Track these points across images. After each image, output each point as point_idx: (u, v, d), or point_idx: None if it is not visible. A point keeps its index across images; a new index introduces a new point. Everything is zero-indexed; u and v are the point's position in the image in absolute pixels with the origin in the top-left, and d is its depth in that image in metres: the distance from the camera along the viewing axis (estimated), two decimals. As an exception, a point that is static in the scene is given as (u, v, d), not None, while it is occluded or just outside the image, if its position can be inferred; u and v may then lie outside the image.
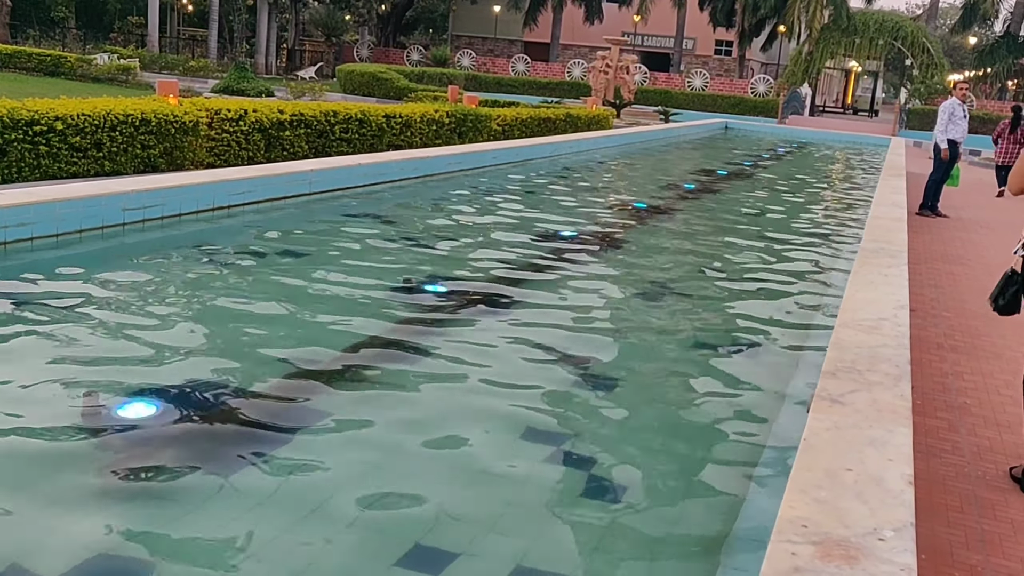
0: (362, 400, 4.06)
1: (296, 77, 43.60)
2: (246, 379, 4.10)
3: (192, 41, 52.99)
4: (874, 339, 4.34)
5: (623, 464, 3.67)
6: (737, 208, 11.48)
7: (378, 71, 37.05)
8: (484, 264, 6.75)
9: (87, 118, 9.98)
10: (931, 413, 4.75)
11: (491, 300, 5.81)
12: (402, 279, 5.80)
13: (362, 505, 3.13)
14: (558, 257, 7.35)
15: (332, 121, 13.72)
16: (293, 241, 7.01)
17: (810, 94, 44.25)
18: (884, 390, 3.58)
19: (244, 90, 30.70)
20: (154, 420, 3.56)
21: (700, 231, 9.38)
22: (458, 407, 4.13)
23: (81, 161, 9.94)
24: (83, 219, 6.21)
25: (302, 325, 5.00)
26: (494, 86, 45.19)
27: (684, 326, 5.68)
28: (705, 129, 26.34)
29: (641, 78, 47.10)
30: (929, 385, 5.19)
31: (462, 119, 17.60)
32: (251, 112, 12.38)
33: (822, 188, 15.12)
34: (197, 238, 6.80)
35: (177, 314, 5.05)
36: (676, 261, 7.68)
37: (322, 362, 4.46)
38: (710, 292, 6.63)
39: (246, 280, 5.80)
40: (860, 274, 5.93)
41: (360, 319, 5.19)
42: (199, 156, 11.64)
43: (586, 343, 5.11)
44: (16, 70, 34.19)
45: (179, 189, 7.06)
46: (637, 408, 4.31)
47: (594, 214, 9.72)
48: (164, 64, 40.22)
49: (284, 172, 8.41)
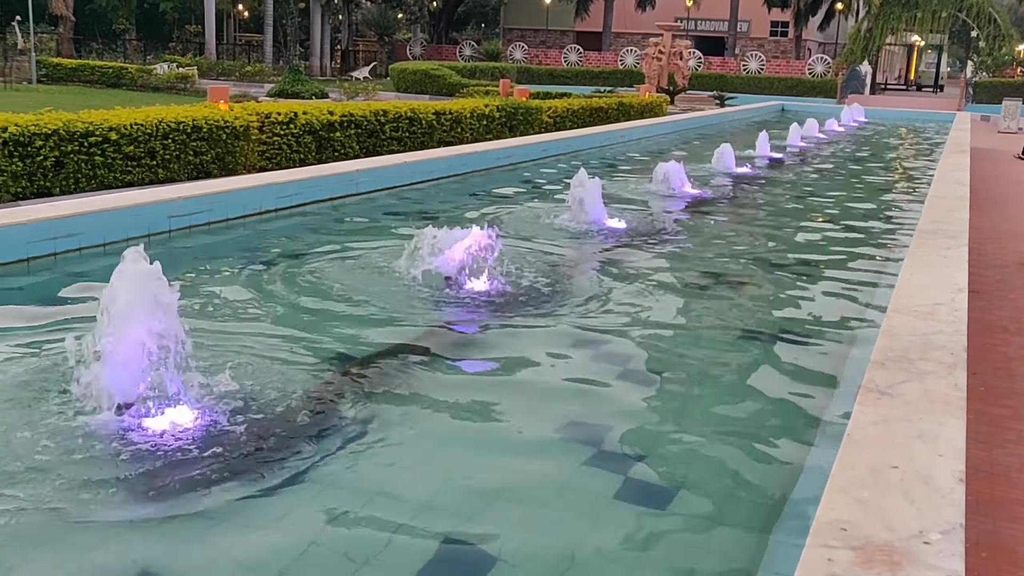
0: (408, 399, 4.01)
1: (350, 78, 44.00)
2: (292, 385, 4.09)
3: (248, 47, 53.81)
4: (928, 325, 4.15)
5: (663, 462, 3.56)
6: (792, 191, 11.23)
7: (430, 68, 37.17)
8: (531, 258, 6.66)
9: (140, 127, 10.15)
10: (995, 401, 4.55)
11: (536, 295, 5.73)
12: (445, 276, 5.74)
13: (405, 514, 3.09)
14: (606, 249, 7.23)
15: (382, 120, 13.78)
16: (341, 242, 7.00)
17: (870, 72, 43.19)
18: (937, 380, 3.41)
19: (299, 93, 31.09)
20: (193, 428, 3.55)
21: (754, 216, 9.19)
22: (503, 405, 4.06)
23: (135, 170, 10.12)
24: (130, 228, 6.28)
25: (348, 327, 4.97)
26: (546, 78, 45.01)
27: (733, 316, 5.53)
28: (760, 112, 25.84)
29: (695, 63, 46.48)
30: (993, 372, 4.97)
31: (512, 112, 17.54)
32: (301, 114, 12.50)
33: (881, 168, 14.69)
34: (244, 243, 6.84)
35: (225, 317, 5.07)
36: (728, 248, 7.51)
37: (369, 365, 4.43)
38: (762, 280, 6.47)
39: (292, 283, 5.80)
40: (916, 256, 5.71)
41: (404, 319, 5.15)
42: (251, 160, 11.77)
43: (631, 336, 5.00)
44: (81, 83, 35.18)
45: (225, 194, 7.11)
46: (682, 403, 4.19)
47: (646, 202, 9.57)
48: (221, 71, 40.92)
49: (331, 173, 8.44)
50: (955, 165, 11.09)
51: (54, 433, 3.45)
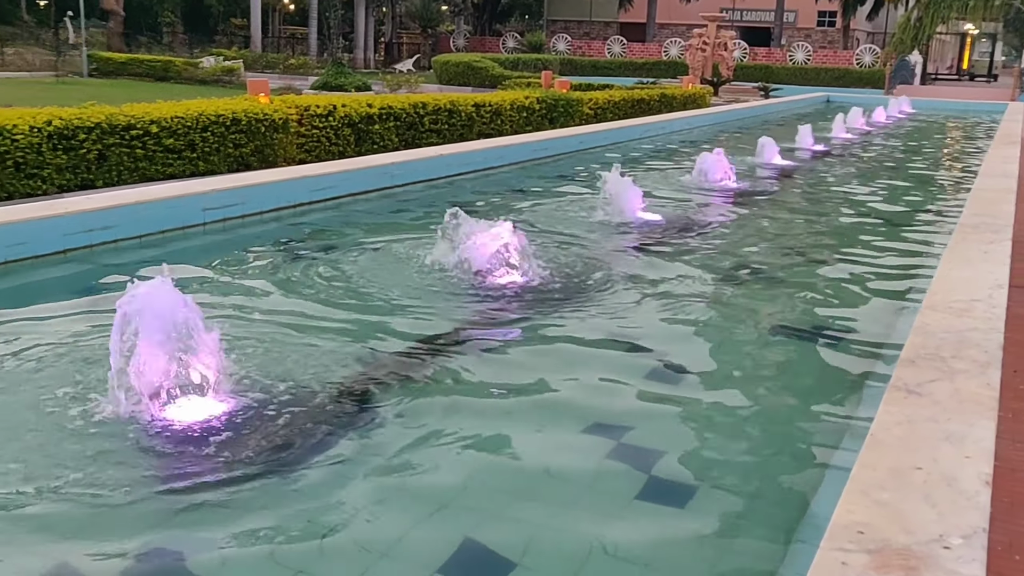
0: (433, 391, 4.01)
1: (394, 70, 44.16)
2: (320, 375, 4.11)
3: (293, 39, 54.26)
4: (964, 322, 4.04)
5: (688, 460, 3.51)
6: (833, 184, 11.04)
7: (472, 60, 37.16)
8: (561, 252, 6.62)
9: (180, 120, 10.27)
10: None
11: (565, 289, 5.69)
12: (475, 270, 5.72)
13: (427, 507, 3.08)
14: (638, 243, 7.17)
15: (421, 113, 13.79)
16: (374, 234, 7.02)
17: (920, 62, 42.30)
18: (969, 379, 3.32)
19: (342, 85, 31.24)
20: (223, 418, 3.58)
21: (793, 209, 9.05)
22: (526, 400, 4.03)
23: (176, 162, 10.24)
24: (164, 220, 6.36)
25: (376, 319, 4.98)
26: (589, 69, 44.80)
27: (767, 312, 5.44)
28: (805, 104, 25.47)
29: (740, 54, 45.92)
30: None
31: (553, 104, 17.47)
32: (340, 107, 12.55)
33: (926, 160, 14.38)
34: (277, 235, 6.88)
35: (256, 309, 5.10)
36: (765, 242, 7.40)
37: (396, 356, 4.43)
38: (797, 275, 6.34)
39: (323, 275, 5.82)
40: (956, 251, 5.57)
41: (432, 312, 5.15)
42: (290, 153, 11.85)
43: (660, 332, 4.95)
44: (129, 77, 35.72)
45: (259, 187, 7.17)
46: (709, 400, 4.13)
47: (683, 195, 9.47)
48: (266, 63, 41.31)
49: (365, 166, 8.47)
50: (1004, 156, 10.81)
51: (85, 419, 3.50)
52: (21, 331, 4.56)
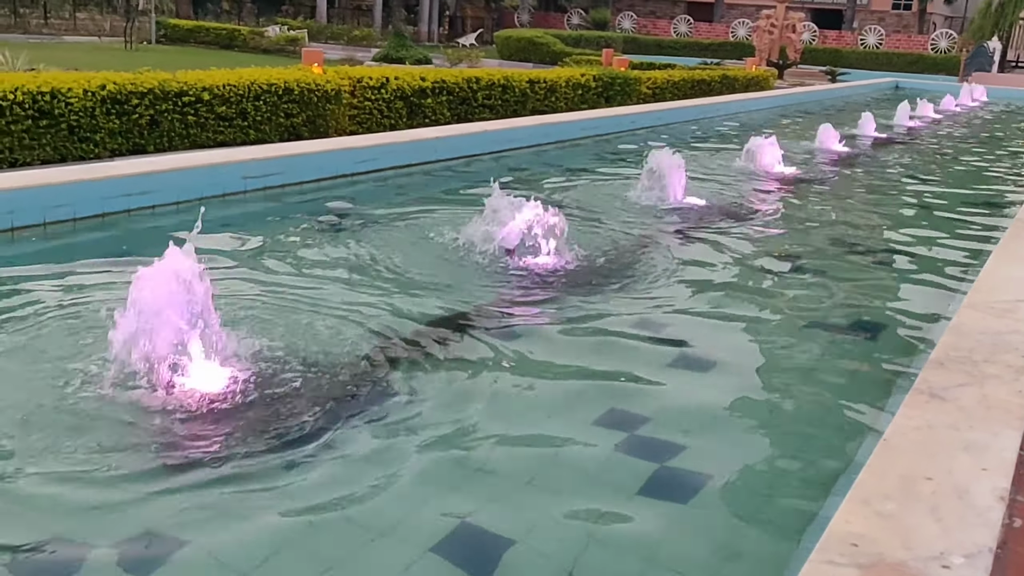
0: (456, 371, 3.96)
1: (456, 44, 44.04)
2: (343, 349, 4.09)
3: (358, 11, 54.39)
4: (1003, 323, 3.85)
5: (702, 457, 3.40)
6: (891, 174, 10.70)
7: (534, 36, 36.89)
8: (598, 235, 6.51)
9: (232, 88, 10.32)
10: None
11: (597, 274, 5.58)
12: (506, 249, 5.64)
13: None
14: (680, 228, 7.01)
15: (474, 88, 13.70)
16: (413, 209, 6.98)
17: (999, 48, 40.83)
18: (1000, 385, 3.16)
19: (402, 58, 31.25)
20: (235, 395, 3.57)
21: (844, 199, 8.77)
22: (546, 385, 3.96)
23: (227, 130, 10.31)
24: (204, 187, 6.39)
25: (404, 295, 4.94)
26: (654, 48, 44.14)
27: (804, 305, 5.24)
28: (872, 89, 24.76)
29: (809, 37, 44.86)
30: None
31: (609, 83, 17.23)
32: (393, 80, 12.52)
33: (993, 152, 13.86)
34: (316, 206, 6.86)
35: (286, 278, 5.10)
36: (811, 233, 7.17)
37: (418, 334, 4.39)
38: (840, 267, 6.13)
39: (356, 248, 5.80)
40: (1008, 247, 5.33)
41: (459, 290, 5.09)
42: (342, 124, 11.87)
43: (690, 322, 4.82)
44: (196, 44, 36.20)
45: (301, 157, 7.17)
46: (731, 396, 4.00)
47: (732, 180, 9.25)
48: (330, 34, 41.48)
49: (409, 140, 8.42)
50: (1074, 151, 10.38)
51: (87, 387, 3.52)
52: (43, 295, 4.61)
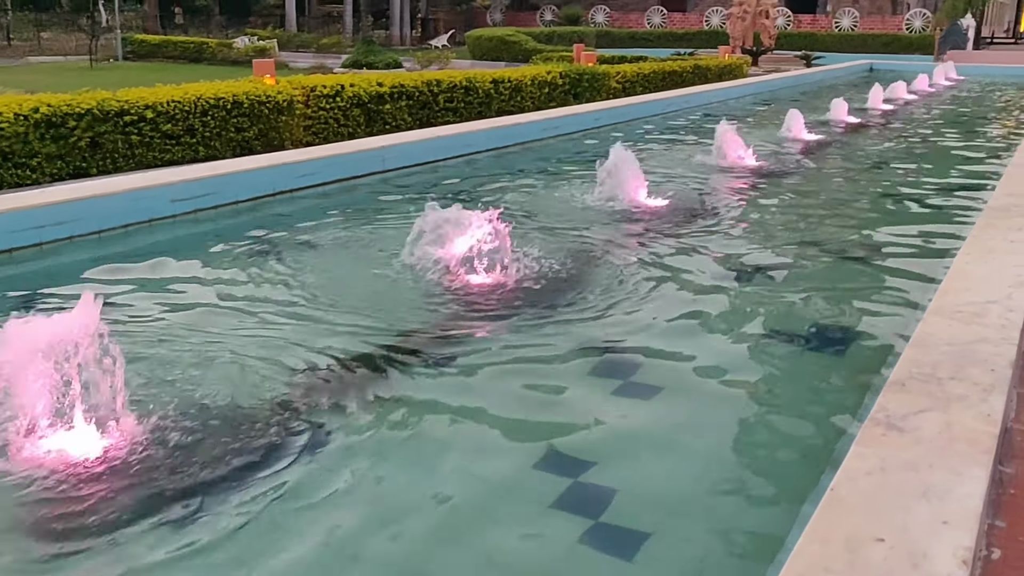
0: (388, 406, 3.59)
1: (429, 46, 43.60)
2: (266, 389, 3.75)
3: (328, 18, 53.90)
4: (972, 331, 3.49)
5: (639, 501, 3.05)
6: (862, 161, 10.34)
7: (505, 34, 36.49)
8: (551, 244, 6.14)
9: (177, 104, 9.95)
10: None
11: (547, 289, 5.21)
12: (447, 267, 5.27)
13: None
14: (637, 232, 6.64)
15: (435, 91, 13.33)
16: (353, 226, 6.58)
17: (973, 25, 40.64)
18: (966, 408, 2.79)
19: (372, 63, 30.78)
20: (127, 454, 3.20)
21: (812, 191, 8.40)
22: (490, 416, 3.60)
23: (175, 148, 9.93)
24: (128, 214, 5.99)
25: (337, 324, 4.57)
26: (627, 41, 43.80)
27: (766, 314, 4.83)
28: (846, 72, 24.42)
29: (784, 22, 44.58)
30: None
31: (577, 79, 16.86)
32: (348, 87, 12.15)
33: (967, 134, 13.50)
34: (249, 227, 6.41)
35: (208, 312, 4.72)
36: (775, 231, 6.77)
37: (351, 368, 4.02)
38: (805, 270, 5.70)
39: (288, 273, 5.41)
40: (978, 240, 4.97)
41: (397, 316, 4.73)
42: (297, 135, 11.49)
43: (645, 336, 4.45)
44: (163, 59, 35.69)
45: (234, 176, 6.77)
46: (673, 428, 3.63)
47: (697, 176, 8.87)
48: (300, 43, 40.98)
49: (354, 150, 8.02)
50: (1049, 128, 10.03)
51: None
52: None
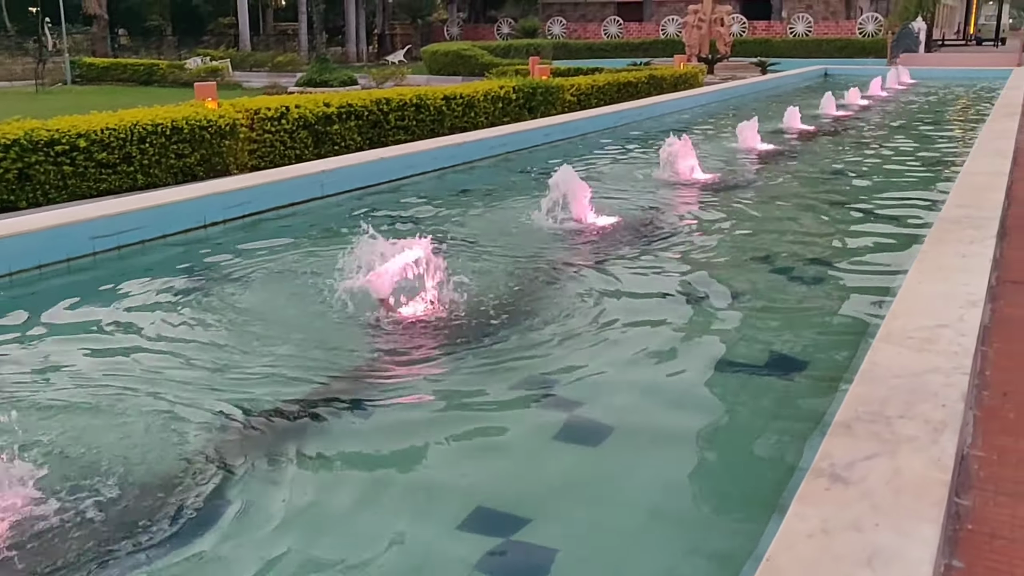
0: (317, 456, 3.31)
1: (386, 62, 43.32)
2: (184, 444, 3.49)
3: (283, 36, 53.48)
4: (923, 360, 3.28)
5: (579, 554, 2.80)
6: (815, 171, 10.20)
7: (461, 49, 36.34)
8: (492, 270, 5.89)
9: (112, 132, 9.64)
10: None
11: (485, 320, 4.95)
12: (379, 299, 4.99)
13: None
14: (582, 254, 6.41)
15: (385, 110, 13.09)
16: (284, 257, 6.28)
17: (924, 28, 41.08)
18: (915, 452, 2.57)
19: (327, 81, 30.49)
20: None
21: (762, 206, 8.18)
22: (402, 482, 3.33)
23: (111, 177, 9.61)
24: (43, 253, 5.65)
25: (262, 367, 4.29)
26: (585, 52, 43.84)
27: (710, 343, 4.59)
28: (801, 78, 24.48)
29: (739, 29, 44.89)
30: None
31: (531, 93, 16.67)
32: (293, 108, 11.89)
33: (921, 138, 13.43)
34: (176, 263, 6.07)
35: (125, 358, 4.42)
36: (724, 250, 6.50)
37: (275, 415, 3.75)
38: (754, 292, 5.42)
39: (211, 311, 5.11)
40: (929, 256, 4.79)
41: (326, 355, 4.47)
42: (241, 160, 11.19)
43: (584, 372, 4.20)
44: (114, 82, 35.09)
45: (162, 208, 6.45)
46: (614, 484, 3.39)
47: (645, 192, 8.67)
48: (254, 63, 40.58)
49: (290, 176, 7.72)
50: (1000, 131, 9.93)
51: None
52: None
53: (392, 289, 4.94)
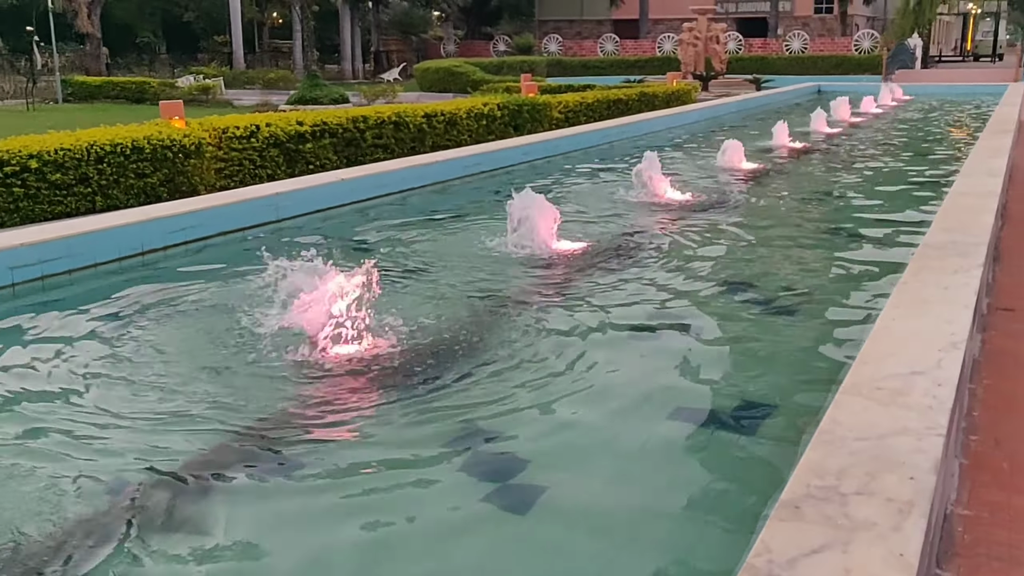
0: (203, 537, 2.87)
1: (381, 80, 43.06)
2: (60, 522, 3.05)
3: (278, 54, 53.30)
4: (891, 416, 2.83)
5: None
6: (801, 192, 9.75)
7: (453, 65, 36.07)
8: (442, 302, 5.46)
9: (67, 152, 9.27)
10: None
11: (425, 360, 4.52)
12: (309, 337, 4.56)
13: None
14: (541, 284, 5.97)
15: (362, 128, 12.73)
16: (227, 287, 5.81)
17: (920, 45, 40.84)
18: (872, 545, 2.12)
19: (317, 98, 30.23)
20: None
21: (740, 227, 7.71)
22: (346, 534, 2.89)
23: (67, 199, 9.21)
24: (-46, 286, 5.22)
25: (169, 421, 3.86)
26: (580, 69, 43.61)
27: (669, 386, 4.14)
28: (794, 95, 24.09)
29: (735, 46, 44.69)
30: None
31: (516, 110, 16.30)
32: (264, 127, 11.54)
33: (914, 157, 12.97)
34: (106, 294, 5.60)
35: (29, 411, 3.99)
36: (692, 279, 5.99)
37: (184, 478, 3.32)
38: (727, 323, 4.99)
39: (127, 353, 4.67)
40: (909, 288, 4.33)
41: (246, 403, 4.04)
42: (208, 180, 10.81)
43: (532, 427, 3.76)
44: (105, 100, 34.79)
45: (93, 235, 6.01)
46: (541, 545, 2.95)
47: (615, 215, 8.22)
48: (246, 80, 40.32)
49: (241, 199, 7.29)
50: (993, 149, 9.48)
51: None
52: None
53: (323, 325, 4.51)
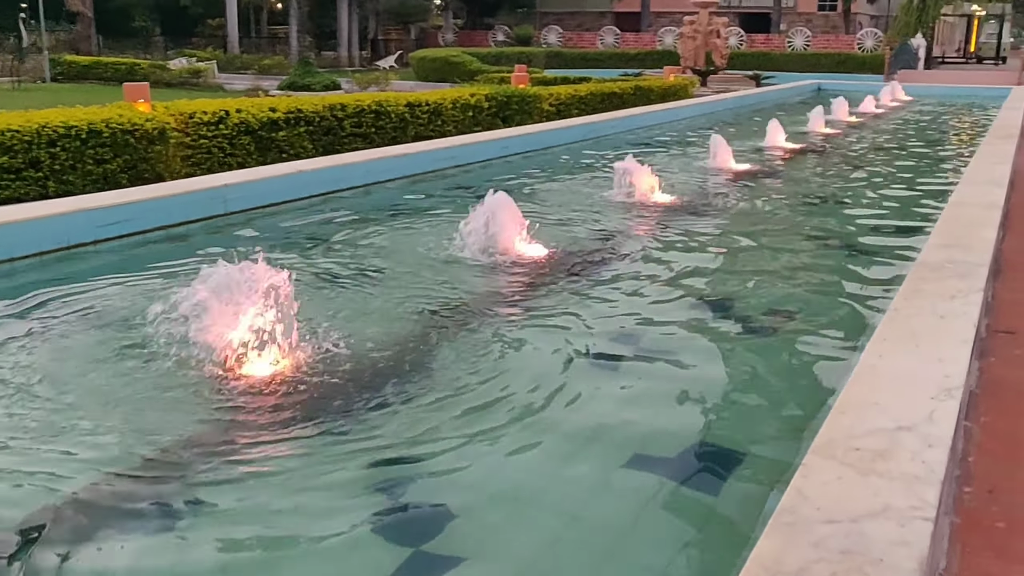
0: None
1: (377, 67, 42.49)
2: None
3: (274, 39, 52.67)
4: (869, 491, 2.31)
5: None
6: (792, 197, 9.21)
7: (449, 55, 35.50)
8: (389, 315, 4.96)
9: (15, 134, 8.71)
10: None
11: (363, 382, 4.00)
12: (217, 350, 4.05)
13: None
14: (502, 294, 5.46)
15: (339, 116, 12.20)
16: (152, 287, 5.29)
17: (924, 45, 40.24)
18: None
19: (309, 85, 29.79)
20: None
21: (723, 233, 7.19)
22: None
23: (15, 184, 8.66)
24: None
25: (75, 441, 3.38)
26: (579, 61, 43.02)
27: (640, 421, 3.63)
28: (793, 92, 23.53)
29: (737, 41, 44.11)
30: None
31: (505, 102, 15.77)
32: (234, 113, 11.00)
33: (914, 162, 12.42)
34: (21, 293, 5.14)
35: None
36: (667, 295, 5.42)
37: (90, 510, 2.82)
38: (700, 348, 4.45)
39: (43, 357, 4.19)
40: (900, 315, 3.81)
41: (155, 428, 3.53)
42: (173, 167, 10.28)
43: (477, 464, 3.28)
44: (95, 80, 34.20)
45: (10, 227, 5.48)
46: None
47: (591, 218, 7.68)
48: (240, 64, 39.78)
49: (185, 191, 6.76)
50: (996, 155, 8.94)
51: None
52: None
53: (234, 338, 3.99)
